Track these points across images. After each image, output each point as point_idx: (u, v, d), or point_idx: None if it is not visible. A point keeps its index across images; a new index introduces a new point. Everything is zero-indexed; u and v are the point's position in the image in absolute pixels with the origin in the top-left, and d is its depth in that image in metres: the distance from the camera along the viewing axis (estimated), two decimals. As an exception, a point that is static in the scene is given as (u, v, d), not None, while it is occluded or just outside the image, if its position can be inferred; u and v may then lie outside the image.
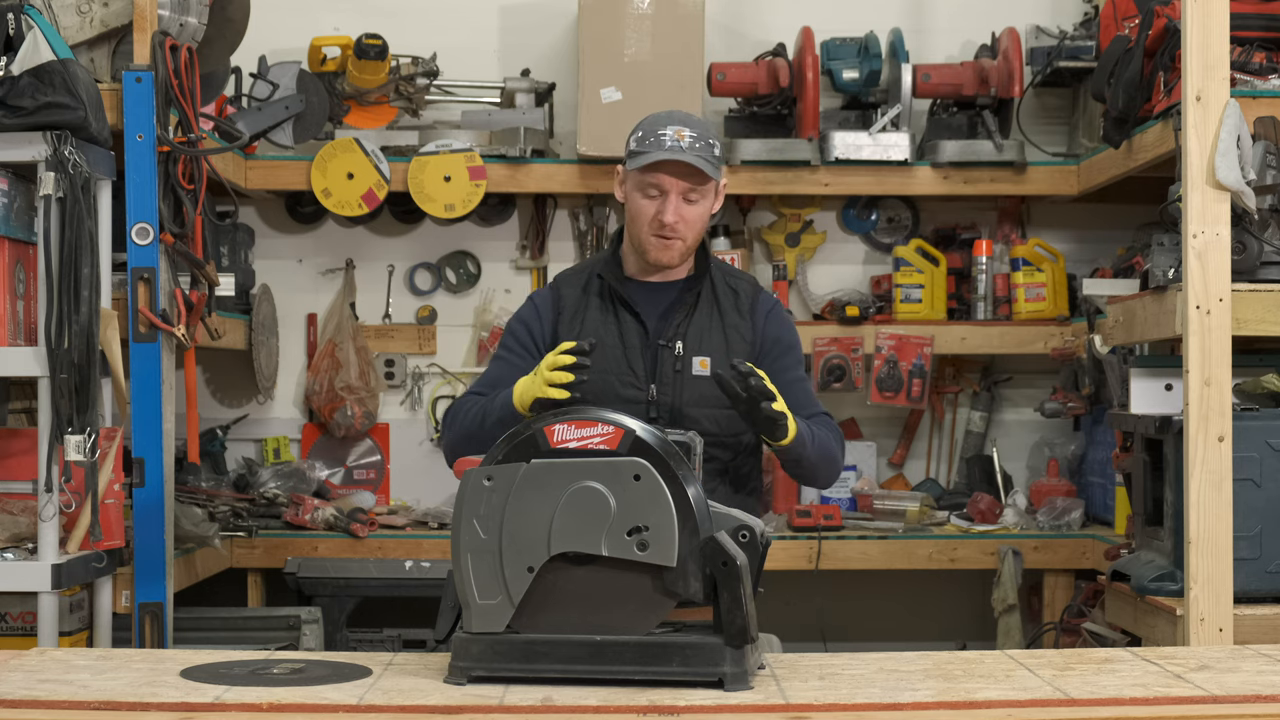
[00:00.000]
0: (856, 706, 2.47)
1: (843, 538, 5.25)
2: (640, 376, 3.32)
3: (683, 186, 3.30)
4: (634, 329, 3.36)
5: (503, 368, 3.41)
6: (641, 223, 3.34)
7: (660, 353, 3.33)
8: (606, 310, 3.38)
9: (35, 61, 3.98)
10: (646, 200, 3.33)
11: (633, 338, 3.35)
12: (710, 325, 3.37)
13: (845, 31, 5.59)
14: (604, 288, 3.41)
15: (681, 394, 3.29)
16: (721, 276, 3.44)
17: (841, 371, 5.48)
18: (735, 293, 3.42)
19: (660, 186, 3.30)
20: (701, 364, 3.33)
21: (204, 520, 4.83)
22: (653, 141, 3.29)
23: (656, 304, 3.39)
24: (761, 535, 2.63)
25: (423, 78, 5.46)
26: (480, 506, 2.59)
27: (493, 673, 2.59)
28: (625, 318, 3.37)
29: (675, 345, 3.33)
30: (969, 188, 5.52)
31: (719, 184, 3.38)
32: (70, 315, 3.89)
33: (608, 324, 3.37)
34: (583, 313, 3.39)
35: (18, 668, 2.73)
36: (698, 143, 3.28)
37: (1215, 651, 3.03)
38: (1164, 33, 4.43)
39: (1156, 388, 4.29)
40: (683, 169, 3.28)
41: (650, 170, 3.29)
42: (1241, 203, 3.90)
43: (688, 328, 3.36)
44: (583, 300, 3.41)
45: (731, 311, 3.39)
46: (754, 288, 3.46)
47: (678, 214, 3.30)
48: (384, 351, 5.78)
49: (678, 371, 3.32)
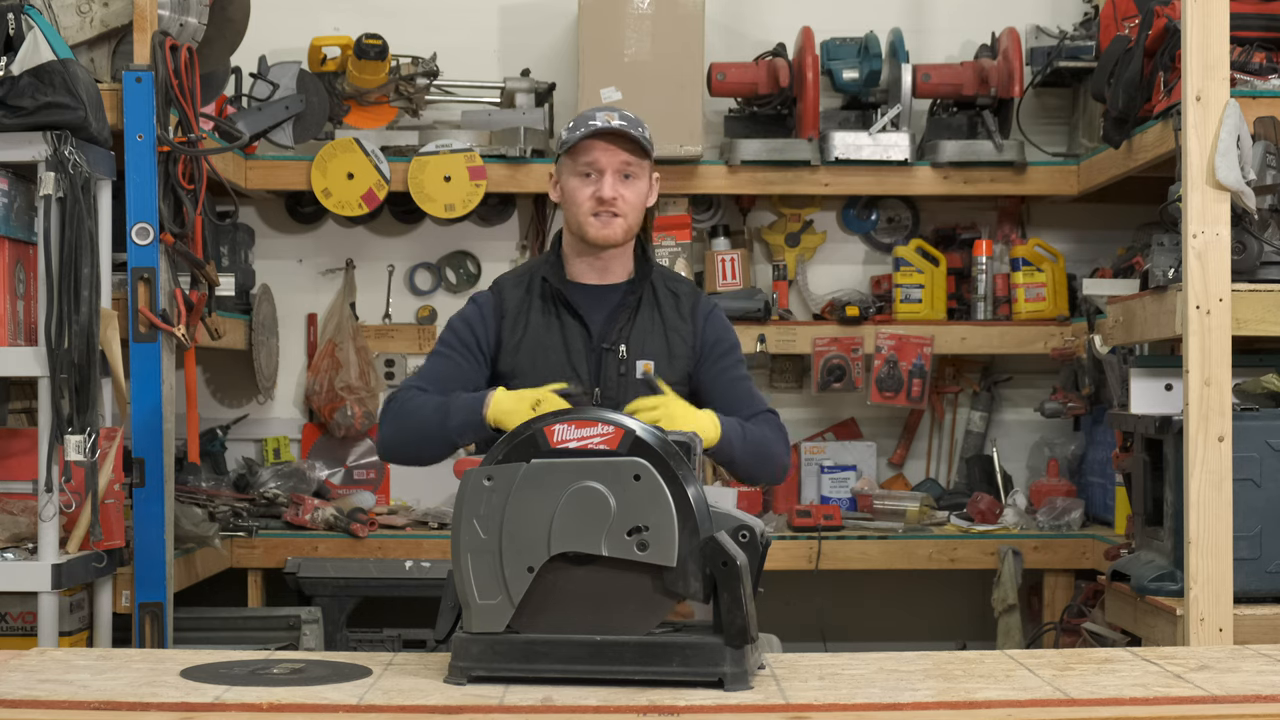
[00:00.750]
0: (856, 706, 2.47)
1: (843, 538, 5.25)
2: (585, 379, 3.32)
3: (617, 162, 3.32)
4: (577, 332, 3.36)
5: (445, 365, 3.39)
6: (580, 203, 3.34)
7: (604, 356, 3.34)
8: (549, 313, 3.38)
9: (35, 61, 3.98)
10: (582, 180, 3.34)
11: (576, 341, 3.35)
12: (652, 328, 3.37)
13: (845, 31, 5.59)
14: (546, 290, 3.40)
15: (626, 397, 3.27)
16: (662, 280, 3.44)
17: (841, 371, 5.48)
18: (675, 296, 3.43)
19: (595, 165, 3.32)
20: (645, 367, 3.33)
21: (204, 520, 4.83)
22: (583, 126, 3.33)
23: (599, 307, 3.38)
24: (761, 535, 2.63)
25: (423, 78, 5.46)
26: (480, 506, 2.59)
27: (493, 673, 2.59)
28: (568, 320, 3.37)
29: (619, 349, 3.34)
30: (969, 188, 5.52)
31: (653, 174, 3.40)
32: (70, 315, 3.89)
33: (550, 327, 3.36)
34: (525, 315, 3.38)
35: (18, 668, 2.73)
36: (626, 122, 3.32)
37: (1215, 651, 3.03)
38: (1164, 33, 4.43)
39: (1156, 388, 4.29)
40: (615, 142, 3.31)
41: (584, 150, 3.32)
42: (1241, 203, 3.90)
43: (630, 331, 3.36)
44: (525, 302, 3.40)
45: (673, 314, 3.39)
46: (694, 291, 3.48)
47: (615, 189, 3.32)
48: (384, 351, 5.77)
49: (622, 375, 3.32)
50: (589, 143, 3.32)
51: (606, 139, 3.31)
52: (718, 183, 5.50)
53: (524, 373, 3.33)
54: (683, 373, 3.37)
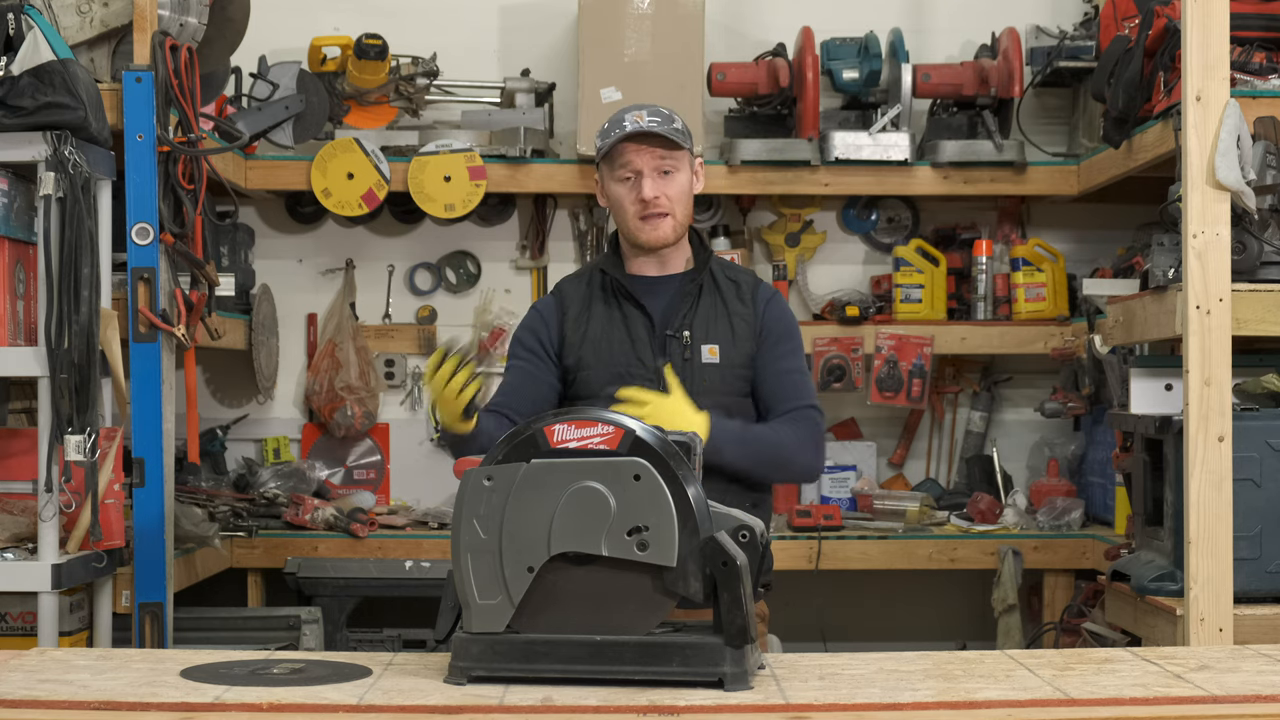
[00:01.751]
0: (856, 706, 2.47)
1: (843, 538, 5.25)
2: (651, 368, 3.33)
3: (653, 162, 3.34)
4: (640, 321, 3.38)
5: (513, 376, 3.46)
6: (626, 209, 3.37)
7: (669, 343, 3.36)
8: (611, 305, 3.41)
9: (35, 61, 3.98)
10: (623, 186, 3.37)
11: (640, 330, 3.38)
12: (715, 314, 3.39)
13: (845, 31, 5.59)
14: (607, 283, 3.43)
15: (692, 383, 3.31)
16: (721, 270, 3.47)
17: (841, 371, 5.48)
18: (736, 284, 3.45)
19: (632, 167, 3.34)
20: (710, 351, 3.36)
21: (204, 520, 4.83)
22: (615, 130, 3.35)
23: (660, 296, 3.41)
24: (761, 535, 2.63)
25: (423, 78, 5.46)
26: (480, 506, 2.59)
27: (493, 673, 2.59)
28: (631, 311, 3.40)
29: (683, 334, 3.36)
30: (969, 188, 5.52)
31: (694, 159, 3.42)
32: (70, 315, 3.89)
33: (613, 319, 3.39)
34: (588, 310, 3.42)
35: (18, 668, 2.73)
36: (658, 119, 3.34)
37: (1215, 651, 3.03)
38: (1164, 33, 4.42)
39: (1156, 388, 4.29)
40: (647, 140, 3.32)
41: (618, 154, 3.34)
42: (1241, 203, 3.90)
43: (694, 317, 3.38)
44: (587, 298, 3.44)
45: (734, 300, 3.42)
46: (754, 279, 3.50)
47: (656, 189, 3.33)
48: (384, 351, 5.77)
49: (686, 360, 3.35)
50: (621, 146, 3.34)
51: (638, 140, 3.33)
52: (718, 183, 5.50)
53: (590, 365, 3.38)
54: (746, 356, 3.38)
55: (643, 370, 3.33)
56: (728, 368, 3.36)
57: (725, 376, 3.35)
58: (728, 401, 3.32)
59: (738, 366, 3.36)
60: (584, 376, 3.38)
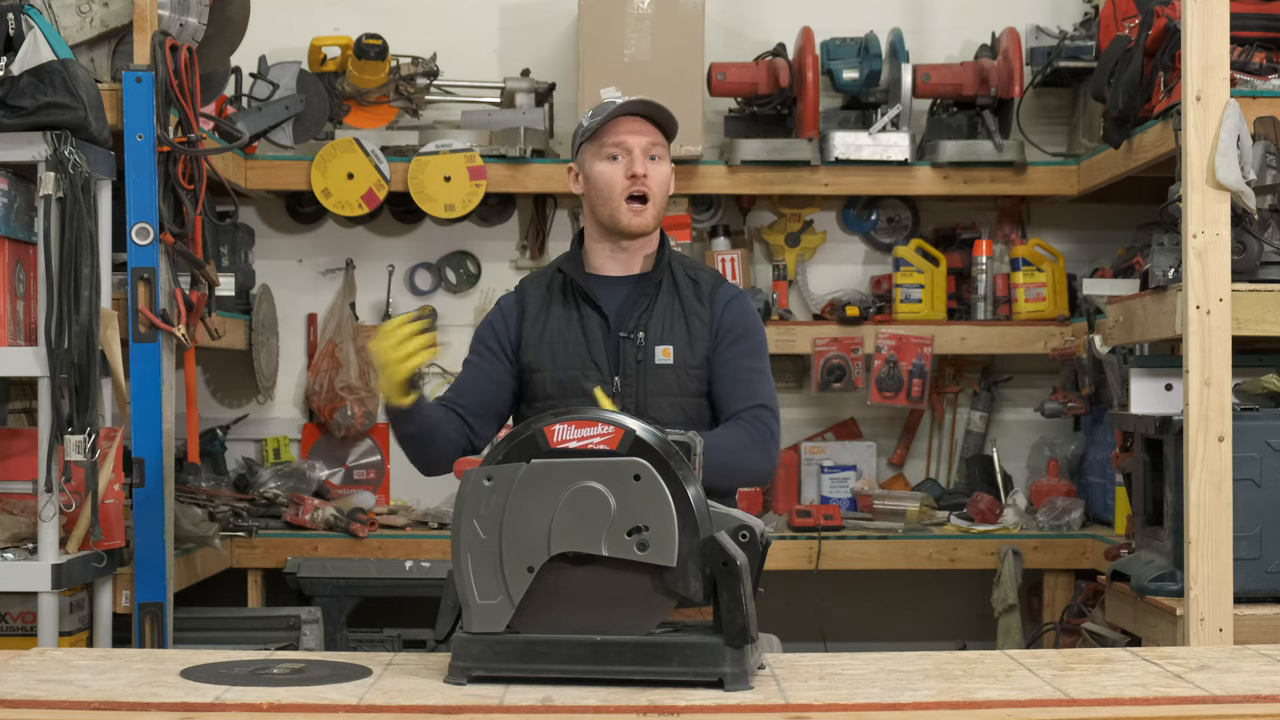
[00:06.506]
0: (856, 706, 2.47)
1: (843, 538, 5.25)
2: (604, 369, 3.32)
3: (645, 141, 3.34)
4: (596, 322, 3.36)
5: (467, 371, 3.45)
6: (611, 188, 3.34)
7: (622, 344, 3.34)
8: (569, 305, 3.39)
9: (35, 61, 3.98)
10: (611, 165, 3.35)
11: (595, 331, 3.36)
12: (672, 314, 3.37)
13: (845, 31, 5.59)
14: (565, 283, 3.42)
15: (645, 384, 3.29)
16: (682, 269, 3.44)
17: (841, 371, 5.48)
18: (695, 282, 3.42)
19: (623, 145, 3.33)
20: (664, 352, 3.33)
21: (204, 520, 4.83)
22: (605, 110, 3.35)
23: (617, 297, 3.39)
24: (761, 535, 2.63)
25: (423, 78, 5.46)
26: (480, 506, 2.59)
27: (493, 673, 2.59)
28: (587, 312, 3.37)
29: (637, 336, 3.33)
30: (969, 188, 5.52)
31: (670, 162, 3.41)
32: (70, 315, 3.89)
33: (570, 319, 3.38)
34: (546, 310, 3.40)
35: (18, 668, 2.73)
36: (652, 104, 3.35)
37: (1215, 651, 3.03)
38: (1164, 33, 4.43)
39: (1156, 388, 4.29)
40: (642, 118, 3.33)
41: (610, 131, 3.34)
42: (1241, 203, 3.90)
43: (649, 318, 3.36)
44: (546, 298, 3.42)
45: (692, 299, 3.39)
46: (716, 278, 3.47)
47: (645, 167, 3.33)
48: (384, 351, 5.76)
49: (639, 362, 3.32)
50: (615, 123, 3.33)
51: (633, 118, 3.33)
52: (718, 183, 5.50)
53: (545, 366, 3.36)
54: (702, 357, 3.36)
55: (595, 373, 3.31)
56: (682, 368, 3.33)
57: (680, 378, 3.32)
58: (683, 402, 3.31)
59: (693, 367, 3.33)
60: (538, 378, 3.36)
